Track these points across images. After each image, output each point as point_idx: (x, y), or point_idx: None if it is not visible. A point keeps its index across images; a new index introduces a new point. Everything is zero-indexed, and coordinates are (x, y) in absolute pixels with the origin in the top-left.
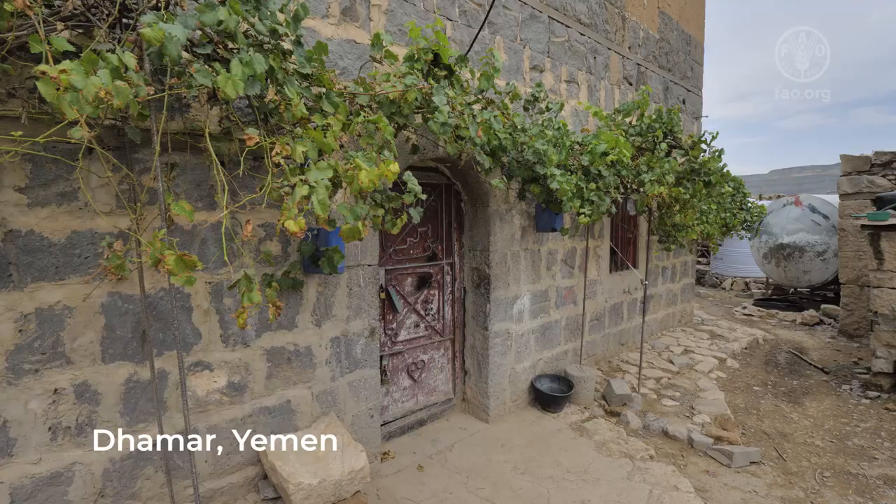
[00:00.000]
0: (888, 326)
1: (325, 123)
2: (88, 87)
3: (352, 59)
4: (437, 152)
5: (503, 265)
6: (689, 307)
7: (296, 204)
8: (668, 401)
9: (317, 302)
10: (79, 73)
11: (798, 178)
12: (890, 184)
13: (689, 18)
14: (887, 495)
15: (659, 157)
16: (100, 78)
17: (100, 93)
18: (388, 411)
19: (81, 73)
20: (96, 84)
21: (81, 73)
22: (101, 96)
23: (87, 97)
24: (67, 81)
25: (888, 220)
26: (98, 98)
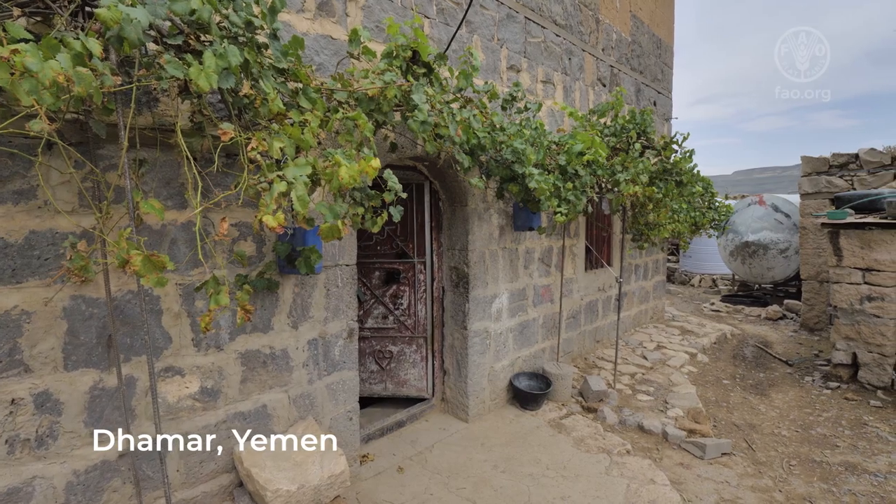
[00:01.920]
0: (847, 320)
1: (302, 119)
2: (45, 71)
3: (328, 55)
4: (415, 151)
5: (482, 264)
6: (661, 304)
7: (274, 200)
8: (642, 396)
9: (293, 303)
10: (35, 56)
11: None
12: (847, 184)
13: (660, 22)
14: (849, 481)
15: (633, 157)
16: (59, 62)
17: (58, 78)
18: None
19: (38, 56)
20: (54, 68)
21: (38, 55)
22: (61, 82)
23: (44, 82)
24: (21, 64)
25: (847, 219)
26: (57, 85)
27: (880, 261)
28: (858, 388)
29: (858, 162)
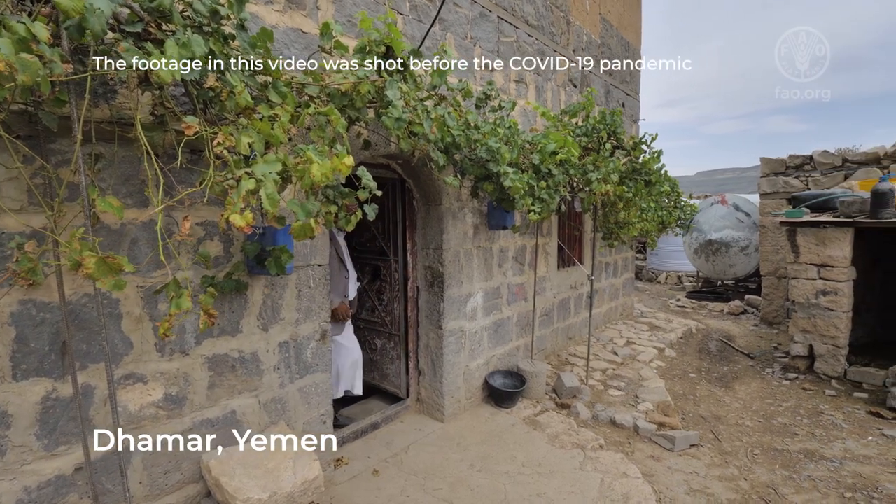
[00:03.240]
0: (804, 314)
1: (272, 114)
2: None
3: (298, 49)
4: (388, 148)
5: (456, 263)
6: (630, 301)
7: (241, 198)
8: (614, 391)
9: (263, 305)
10: None
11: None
12: (802, 184)
13: (628, 26)
14: (808, 467)
15: (604, 156)
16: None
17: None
18: None
19: None
20: None
21: None
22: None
23: None
24: None
25: (803, 218)
26: None
27: (833, 257)
28: (815, 379)
29: (813, 163)
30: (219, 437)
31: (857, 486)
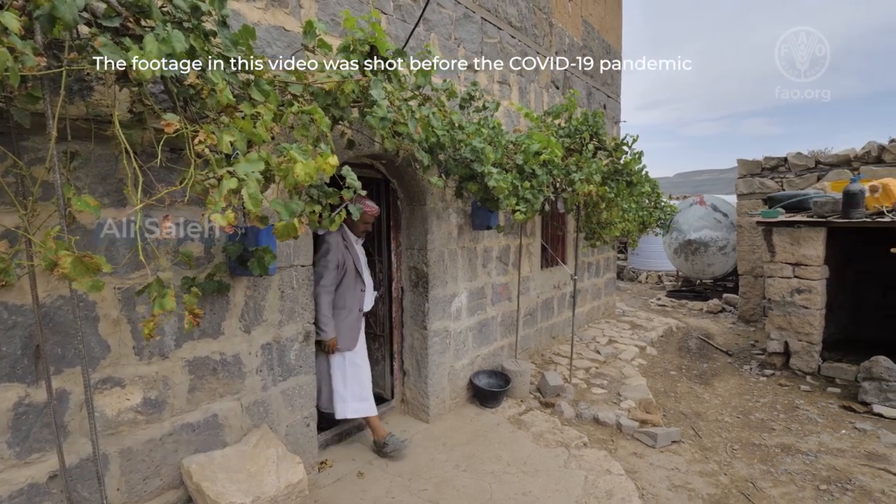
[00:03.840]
0: (779, 311)
1: (254, 112)
2: None
3: (281, 47)
4: (372, 148)
5: (441, 263)
6: (612, 300)
7: (223, 197)
8: (597, 389)
9: (245, 306)
10: None
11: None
12: (777, 185)
13: (609, 29)
14: (785, 461)
15: (586, 157)
16: None
17: None
18: None
19: None
20: None
21: None
22: None
23: None
24: None
25: (778, 218)
26: None
27: (807, 256)
28: (790, 375)
29: (787, 165)
30: (200, 442)
31: (832, 478)
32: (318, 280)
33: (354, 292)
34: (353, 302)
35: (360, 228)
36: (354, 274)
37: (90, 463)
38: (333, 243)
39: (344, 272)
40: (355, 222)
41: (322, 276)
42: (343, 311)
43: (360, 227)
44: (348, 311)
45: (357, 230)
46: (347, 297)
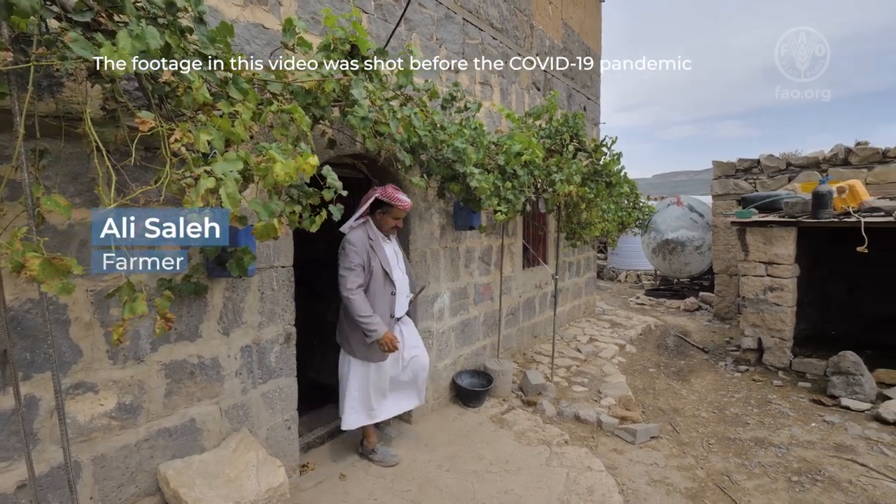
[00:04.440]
0: (753, 309)
1: (232, 111)
2: None
3: (260, 45)
4: (354, 148)
5: (423, 264)
6: (592, 299)
7: (200, 197)
8: (578, 387)
9: (224, 308)
10: None
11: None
12: (750, 186)
13: (589, 32)
14: (758, 454)
15: (567, 158)
16: None
17: None
18: None
19: None
20: None
21: None
22: None
23: None
24: None
25: (752, 218)
26: None
27: (779, 255)
28: (764, 370)
29: (760, 167)
30: (177, 447)
31: (803, 469)
32: (342, 284)
33: (383, 296)
34: (383, 307)
35: (390, 225)
36: (382, 276)
37: (61, 471)
38: (356, 242)
39: (370, 274)
40: (383, 219)
41: (345, 278)
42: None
43: (389, 223)
44: (378, 316)
45: (385, 228)
46: (376, 302)
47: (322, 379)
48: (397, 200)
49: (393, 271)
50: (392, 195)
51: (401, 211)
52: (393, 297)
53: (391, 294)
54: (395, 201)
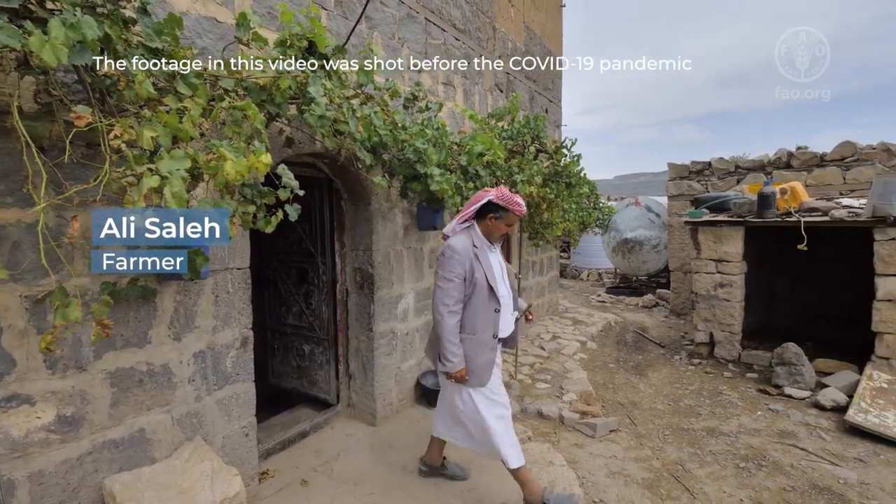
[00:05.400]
0: (705, 304)
1: (180, 107)
2: None
3: (213, 39)
4: (314, 147)
5: (387, 264)
6: (555, 297)
7: (142, 196)
8: (541, 384)
9: (175, 312)
10: None
11: (635, 182)
12: (703, 187)
13: (550, 36)
14: (710, 443)
15: (528, 159)
16: None
17: None
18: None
19: None
20: None
21: None
22: None
23: None
24: None
25: (703, 218)
26: None
27: (728, 253)
28: (715, 363)
29: (711, 169)
30: (124, 459)
31: (750, 456)
32: (439, 297)
33: (487, 313)
34: (486, 325)
35: (501, 232)
36: (487, 290)
37: None
38: (460, 249)
39: (473, 287)
40: (494, 225)
41: (443, 290)
42: (471, 338)
43: (500, 230)
44: (479, 336)
45: (494, 235)
46: (478, 320)
47: (283, 383)
48: (516, 204)
49: (498, 285)
50: (510, 198)
51: (515, 217)
52: (497, 315)
53: (495, 311)
54: (514, 205)
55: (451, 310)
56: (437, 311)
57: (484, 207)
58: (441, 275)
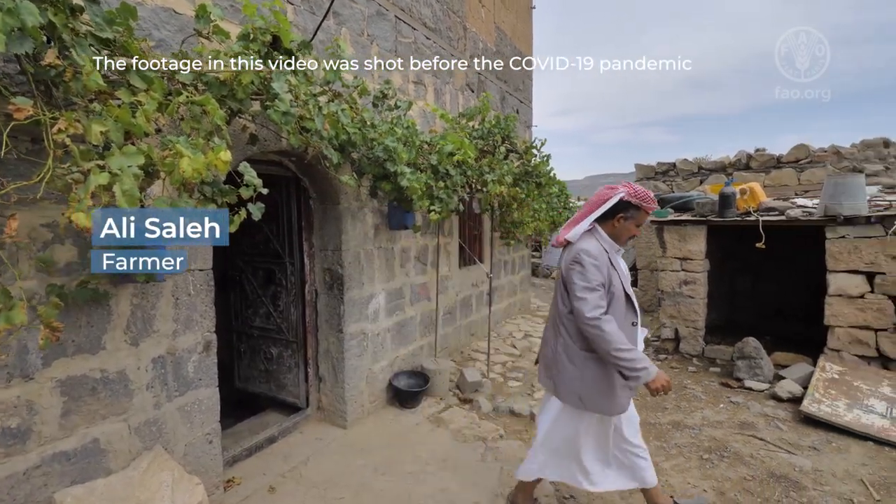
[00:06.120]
0: (670, 301)
1: (134, 101)
2: None
3: (171, 31)
4: (280, 144)
5: (357, 265)
6: (527, 296)
7: (88, 194)
8: (513, 382)
9: (132, 317)
10: None
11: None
12: (668, 188)
13: (521, 36)
14: (675, 436)
15: (499, 159)
16: None
17: None
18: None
19: None
20: None
21: None
22: None
23: None
24: None
25: (668, 217)
26: None
27: (692, 251)
28: (680, 358)
29: (676, 170)
30: (77, 472)
31: (712, 447)
32: (584, 309)
33: (625, 327)
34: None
35: (630, 234)
36: (625, 300)
37: None
38: (597, 254)
39: (611, 297)
40: (624, 226)
41: (586, 302)
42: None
43: (630, 231)
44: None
45: (623, 237)
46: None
47: (250, 387)
48: (650, 201)
49: (632, 296)
50: (644, 194)
51: (646, 215)
52: (634, 329)
53: (632, 324)
54: (648, 202)
55: (606, 317)
56: (588, 325)
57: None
58: (580, 284)
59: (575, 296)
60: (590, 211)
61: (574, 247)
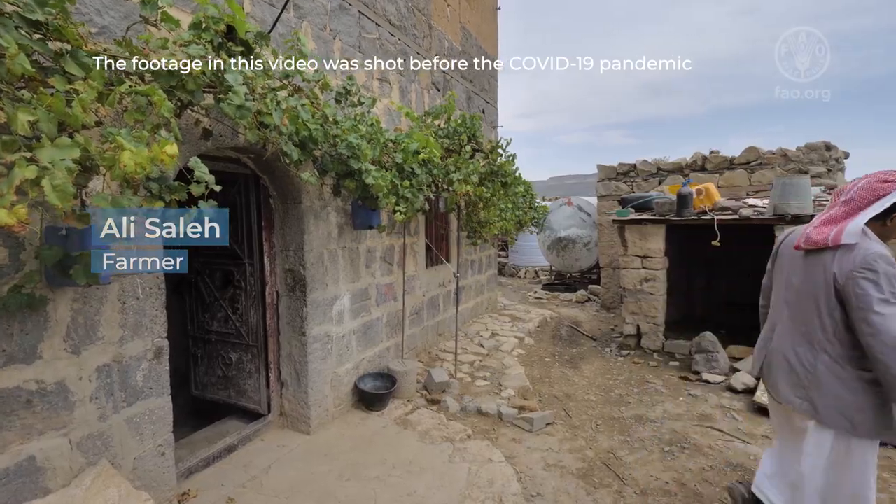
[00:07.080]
0: (632, 298)
1: (69, 89)
2: None
3: (115, 18)
4: (237, 140)
5: (320, 265)
6: (494, 295)
7: (12, 189)
8: (480, 381)
9: (73, 323)
10: None
11: (569, 183)
12: (629, 188)
13: (486, 37)
14: (638, 430)
15: (464, 158)
16: None
17: None
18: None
19: None
20: None
21: None
22: None
23: None
24: None
25: (629, 216)
26: None
27: (652, 249)
28: (642, 353)
29: (636, 171)
30: (9, 494)
31: (673, 440)
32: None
33: None
34: None
35: None
36: None
37: None
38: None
39: None
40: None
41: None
42: None
43: None
44: None
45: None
46: None
47: (208, 395)
48: None
49: None
50: None
51: None
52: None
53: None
54: None
55: None
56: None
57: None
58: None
59: (872, 310)
60: (860, 207)
61: (860, 249)
